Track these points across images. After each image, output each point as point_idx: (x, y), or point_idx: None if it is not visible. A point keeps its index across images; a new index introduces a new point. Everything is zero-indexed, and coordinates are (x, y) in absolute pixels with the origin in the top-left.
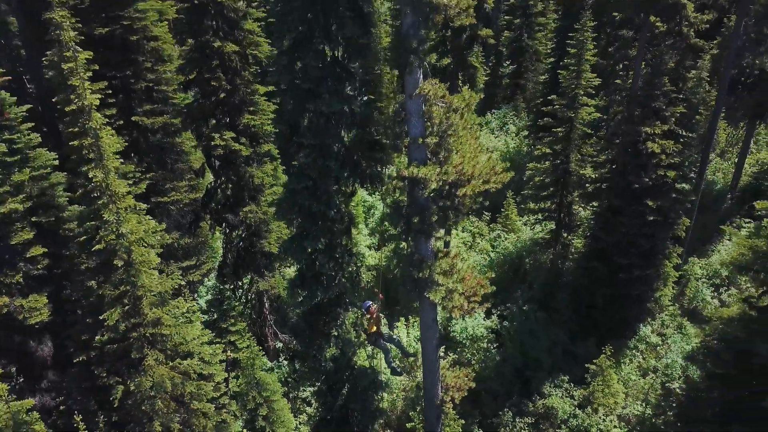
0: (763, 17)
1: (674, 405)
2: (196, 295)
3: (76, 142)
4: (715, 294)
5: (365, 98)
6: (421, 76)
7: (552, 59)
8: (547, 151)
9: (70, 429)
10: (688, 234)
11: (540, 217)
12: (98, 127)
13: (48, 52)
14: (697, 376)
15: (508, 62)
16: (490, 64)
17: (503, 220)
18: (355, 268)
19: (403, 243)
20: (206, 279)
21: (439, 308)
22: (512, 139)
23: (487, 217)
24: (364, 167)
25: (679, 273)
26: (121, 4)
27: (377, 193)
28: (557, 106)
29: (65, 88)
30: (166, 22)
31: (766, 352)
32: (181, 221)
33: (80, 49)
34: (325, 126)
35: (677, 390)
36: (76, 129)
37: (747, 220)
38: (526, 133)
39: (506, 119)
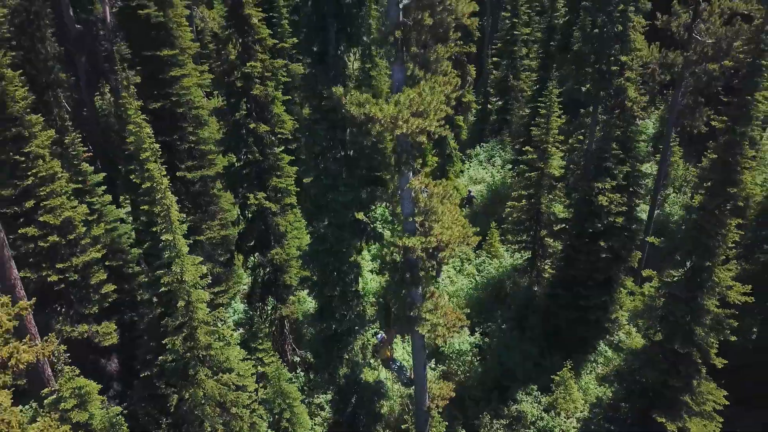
0: (696, 91)
1: (602, 410)
2: (220, 320)
3: (147, 207)
4: None
5: (369, 189)
6: (411, 174)
7: (530, 107)
8: (523, 192)
9: (136, 431)
10: (641, 264)
11: (517, 247)
12: (170, 204)
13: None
14: (611, 391)
15: (495, 99)
16: (480, 101)
17: (488, 247)
18: (362, 308)
19: (403, 290)
20: (232, 301)
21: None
22: (498, 171)
23: (474, 245)
24: (369, 231)
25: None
26: (170, 83)
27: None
28: (530, 157)
29: (141, 170)
30: (204, 94)
31: (651, 377)
32: (212, 253)
33: (153, 137)
34: (341, 209)
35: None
36: (149, 199)
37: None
38: (510, 166)
39: (494, 152)
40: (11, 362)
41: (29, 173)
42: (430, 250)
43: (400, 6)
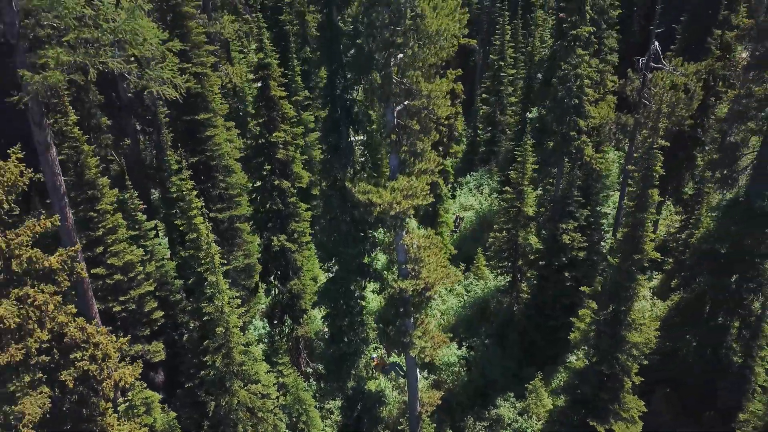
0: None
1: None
2: (246, 332)
3: (192, 252)
4: None
5: (370, 242)
6: (404, 232)
7: (513, 144)
8: (503, 226)
9: None
10: (605, 288)
11: (500, 271)
12: (215, 252)
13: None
14: (562, 401)
15: (484, 132)
16: (470, 133)
17: (475, 269)
18: (366, 334)
19: (398, 320)
20: (253, 319)
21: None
22: (485, 198)
23: (463, 267)
24: (371, 272)
25: None
26: (205, 140)
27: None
28: (508, 196)
29: (189, 223)
30: (232, 146)
31: (587, 391)
32: (236, 278)
33: (194, 191)
34: (349, 258)
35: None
36: (194, 245)
37: (657, 272)
38: (495, 194)
39: (482, 180)
40: (121, 383)
41: (99, 225)
42: (419, 290)
43: (395, 114)
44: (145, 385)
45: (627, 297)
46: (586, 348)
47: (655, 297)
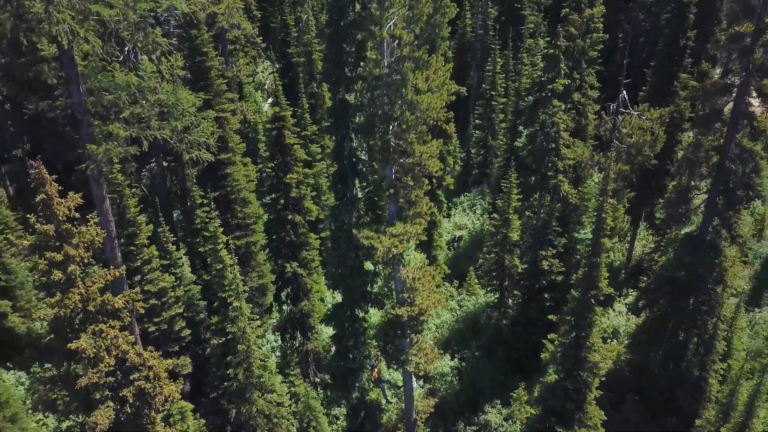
0: (622, 179)
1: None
2: (260, 346)
3: (217, 281)
4: None
5: (372, 275)
6: (401, 266)
7: (502, 168)
8: (492, 248)
9: None
10: (569, 316)
11: (489, 288)
12: (239, 282)
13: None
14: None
15: (476, 155)
16: (464, 156)
17: (467, 286)
18: (368, 351)
19: (396, 340)
20: (266, 333)
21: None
22: (477, 218)
23: (456, 284)
24: (373, 298)
25: None
26: (225, 177)
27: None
28: (495, 223)
29: (215, 257)
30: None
31: (556, 403)
32: (252, 296)
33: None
34: (355, 290)
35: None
36: (219, 274)
37: (633, 290)
38: (487, 215)
39: (475, 200)
40: (169, 398)
41: (137, 257)
42: (414, 315)
43: (393, 171)
44: (180, 396)
45: (586, 324)
46: (554, 366)
47: (629, 312)
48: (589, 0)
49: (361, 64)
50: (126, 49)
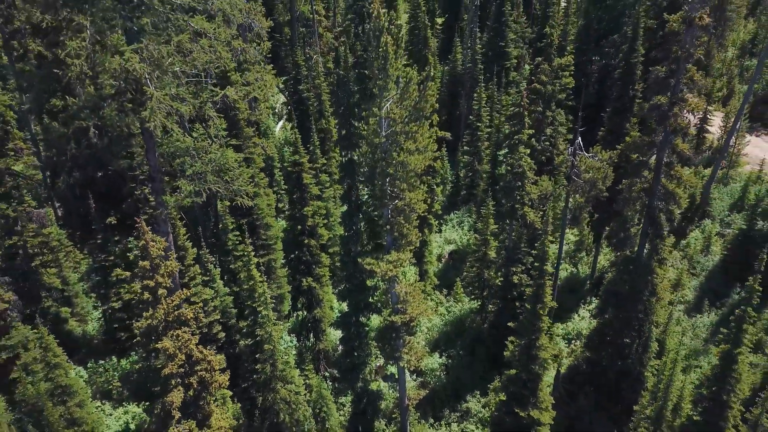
0: (587, 201)
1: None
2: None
3: (248, 298)
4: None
5: (374, 287)
6: (396, 283)
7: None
8: (474, 264)
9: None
10: (552, 311)
11: (473, 296)
12: (267, 298)
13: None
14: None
15: (464, 177)
16: (453, 178)
17: (454, 294)
18: (370, 350)
19: (391, 341)
20: (283, 335)
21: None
22: (465, 233)
23: (445, 292)
24: (373, 307)
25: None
26: (252, 207)
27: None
28: (475, 241)
29: (248, 276)
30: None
31: (514, 390)
32: (273, 305)
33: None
34: (358, 301)
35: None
36: (249, 289)
37: (595, 298)
38: (473, 231)
39: (463, 218)
40: (222, 385)
41: (186, 275)
42: (406, 321)
43: (389, 211)
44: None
45: (536, 330)
46: (514, 361)
47: (591, 317)
48: (558, 50)
49: (365, 134)
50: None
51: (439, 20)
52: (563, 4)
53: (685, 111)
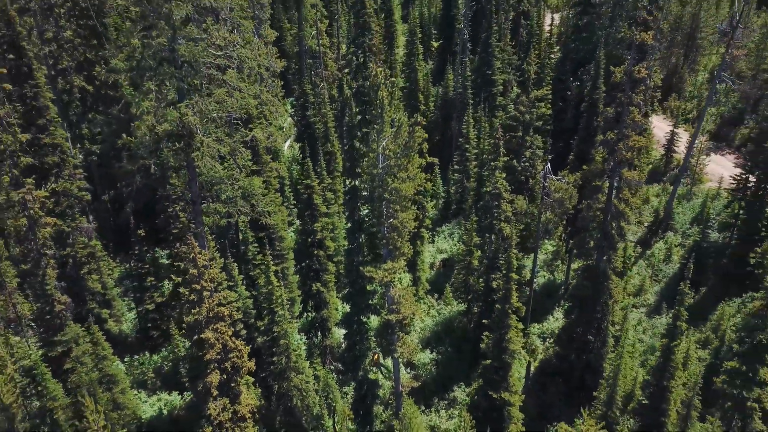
0: (555, 218)
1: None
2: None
3: (266, 303)
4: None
5: (373, 291)
6: (391, 288)
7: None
8: (461, 272)
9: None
10: (520, 311)
11: (461, 300)
12: (286, 318)
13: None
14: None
15: (455, 193)
16: (444, 193)
17: (444, 298)
18: (369, 344)
19: (387, 337)
20: (294, 333)
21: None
22: (455, 244)
23: (436, 296)
24: (373, 308)
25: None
26: (268, 227)
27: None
28: (461, 251)
29: (268, 290)
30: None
31: (488, 376)
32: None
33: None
34: (360, 303)
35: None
36: (268, 294)
37: (568, 302)
38: (461, 242)
39: (453, 229)
40: (250, 369)
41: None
42: (400, 320)
43: (385, 228)
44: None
45: (505, 326)
46: (489, 352)
47: (564, 318)
48: (536, 82)
49: (365, 165)
50: None
51: (435, 44)
52: (546, 33)
53: (629, 146)
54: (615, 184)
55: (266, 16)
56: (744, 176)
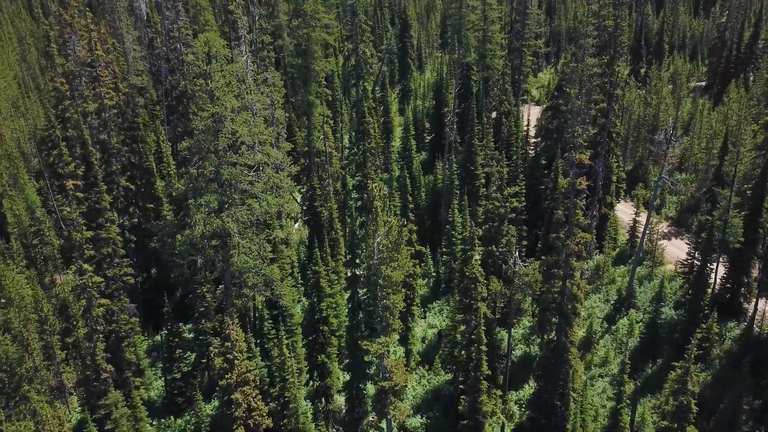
0: (525, 298)
1: None
2: None
3: (284, 377)
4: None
5: (369, 362)
6: (384, 359)
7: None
8: (447, 346)
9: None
10: (506, 384)
11: (447, 371)
12: (295, 384)
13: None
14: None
15: (444, 273)
16: (434, 272)
17: (434, 368)
18: (366, 408)
19: (382, 401)
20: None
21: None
22: (444, 319)
23: (427, 367)
24: (369, 377)
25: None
26: (282, 306)
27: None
28: (449, 327)
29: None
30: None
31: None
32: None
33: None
34: (358, 372)
35: None
36: (286, 387)
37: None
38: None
39: (443, 306)
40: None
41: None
42: (392, 386)
43: (379, 308)
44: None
45: (477, 390)
46: (465, 413)
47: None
48: (509, 181)
49: (363, 257)
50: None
51: (428, 138)
52: (524, 130)
53: (576, 241)
54: (568, 272)
55: (283, 128)
56: (689, 261)
